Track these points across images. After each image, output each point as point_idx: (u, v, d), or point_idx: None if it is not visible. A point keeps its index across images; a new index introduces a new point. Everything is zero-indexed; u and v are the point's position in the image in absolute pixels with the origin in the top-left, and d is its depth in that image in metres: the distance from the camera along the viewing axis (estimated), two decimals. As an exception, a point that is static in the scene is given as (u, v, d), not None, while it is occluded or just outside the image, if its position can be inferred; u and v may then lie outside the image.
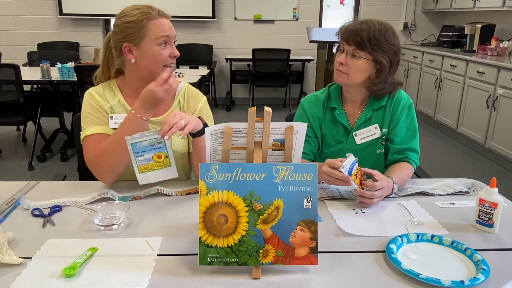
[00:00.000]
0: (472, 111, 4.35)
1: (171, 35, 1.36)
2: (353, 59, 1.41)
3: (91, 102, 1.41)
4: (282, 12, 6.13)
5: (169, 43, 1.37)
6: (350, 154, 1.26)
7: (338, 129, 1.56)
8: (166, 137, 1.20)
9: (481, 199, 1.13)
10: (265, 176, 0.93)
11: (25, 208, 1.22)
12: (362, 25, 1.40)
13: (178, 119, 1.20)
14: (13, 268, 0.93)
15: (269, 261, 0.93)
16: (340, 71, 1.44)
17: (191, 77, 3.98)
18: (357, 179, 1.25)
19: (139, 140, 1.25)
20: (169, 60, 1.36)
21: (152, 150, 1.27)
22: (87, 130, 1.39)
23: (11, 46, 5.87)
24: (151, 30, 1.33)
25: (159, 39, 1.33)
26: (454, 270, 0.95)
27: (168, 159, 1.30)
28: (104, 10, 5.79)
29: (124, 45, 1.35)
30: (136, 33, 1.33)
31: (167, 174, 1.31)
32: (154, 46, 1.33)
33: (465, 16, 5.62)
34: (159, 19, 1.35)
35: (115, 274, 0.92)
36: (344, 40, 1.43)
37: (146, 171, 1.28)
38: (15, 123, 4.43)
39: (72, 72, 3.74)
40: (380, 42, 1.39)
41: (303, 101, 1.61)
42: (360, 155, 1.49)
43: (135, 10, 1.34)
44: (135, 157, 1.26)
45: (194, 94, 1.51)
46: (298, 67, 6.17)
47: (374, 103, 1.52)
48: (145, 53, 1.34)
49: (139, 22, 1.32)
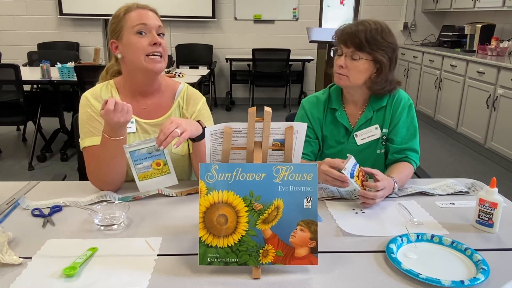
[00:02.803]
0: (472, 111, 4.35)
1: (149, 23, 1.34)
2: (353, 61, 1.42)
3: (87, 109, 1.39)
4: (282, 12, 6.13)
5: (149, 32, 1.34)
6: (351, 156, 1.26)
7: (339, 130, 1.56)
8: (162, 147, 1.19)
9: (481, 199, 1.13)
10: (265, 176, 0.93)
11: (24, 208, 1.22)
12: (359, 26, 1.41)
13: (174, 128, 1.18)
14: (13, 268, 0.93)
15: (269, 261, 0.93)
16: (340, 74, 1.44)
17: (191, 77, 3.98)
18: (359, 181, 1.25)
19: (137, 148, 1.24)
20: (149, 48, 1.33)
21: (151, 157, 1.26)
22: (85, 141, 1.38)
23: (11, 46, 5.87)
24: (128, 21, 1.34)
25: (135, 27, 1.33)
26: (454, 270, 0.95)
27: (167, 166, 1.28)
28: (104, 10, 5.79)
29: (111, 42, 1.37)
30: (117, 27, 1.35)
31: (167, 181, 1.30)
32: (132, 36, 1.33)
33: (465, 16, 5.62)
34: (136, 10, 1.36)
35: (115, 274, 0.92)
36: (342, 43, 1.43)
37: (146, 178, 1.28)
38: (15, 123, 4.43)
39: (72, 72, 3.74)
40: (378, 41, 1.40)
41: (303, 102, 1.61)
42: (361, 155, 1.50)
43: (119, 8, 1.38)
44: (134, 165, 1.25)
45: (193, 95, 1.50)
46: (298, 67, 6.17)
47: (374, 104, 1.52)
48: (126, 45, 1.34)
49: (119, 16, 1.35)
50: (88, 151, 1.37)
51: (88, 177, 1.37)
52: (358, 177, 1.25)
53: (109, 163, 1.29)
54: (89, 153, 1.37)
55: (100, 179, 1.33)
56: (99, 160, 1.30)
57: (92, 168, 1.34)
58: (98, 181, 1.34)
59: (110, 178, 1.32)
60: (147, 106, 1.44)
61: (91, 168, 1.35)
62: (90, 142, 1.37)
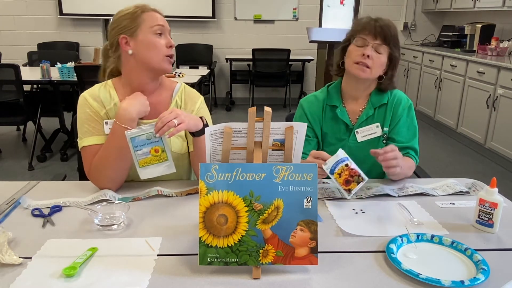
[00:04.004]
0: (472, 111, 4.35)
1: (166, 26, 1.38)
2: (377, 54, 1.44)
3: (86, 109, 1.40)
4: (282, 12, 6.13)
5: (164, 34, 1.38)
6: (340, 151, 1.27)
7: (340, 127, 1.56)
8: (157, 134, 1.22)
9: (481, 199, 1.13)
10: (265, 176, 0.93)
11: (25, 207, 1.22)
12: (384, 21, 1.45)
13: (172, 118, 1.21)
14: (13, 268, 0.93)
15: (269, 261, 0.93)
16: (365, 64, 1.44)
17: (191, 77, 3.97)
18: (340, 179, 1.25)
19: (137, 134, 1.26)
20: (166, 50, 1.37)
21: (150, 144, 1.28)
22: (84, 141, 1.38)
23: (11, 46, 5.87)
24: (146, 20, 1.36)
25: (154, 27, 1.35)
26: (454, 270, 0.95)
27: (165, 153, 1.29)
28: (104, 10, 5.79)
29: (121, 38, 1.36)
30: (132, 23, 1.36)
31: (165, 169, 1.30)
32: (150, 35, 1.35)
33: (465, 16, 5.62)
34: (152, 11, 1.38)
35: (115, 274, 0.92)
36: (370, 34, 1.44)
37: (146, 165, 1.29)
38: (15, 123, 4.43)
39: (72, 72, 3.74)
40: (397, 38, 1.47)
41: (302, 102, 1.61)
42: (362, 152, 1.50)
43: (130, 6, 1.39)
44: (134, 151, 1.27)
45: (191, 94, 1.51)
46: (298, 67, 6.17)
47: (375, 101, 1.54)
48: (142, 43, 1.35)
49: (134, 13, 1.36)
50: (86, 151, 1.38)
51: (87, 176, 1.37)
52: (340, 174, 1.25)
53: (115, 156, 1.30)
54: (87, 153, 1.37)
55: (102, 174, 1.33)
56: (104, 153, 1.32)
57: (95, 166, 1.34)
58: (99, 177, 1.34)
59: (113, 173, 1.33)
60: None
61: (93, 167, 1.35)
62: (88, 141, 1.37)
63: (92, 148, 1.36)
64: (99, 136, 1.38)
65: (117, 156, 1.31)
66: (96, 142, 1.37)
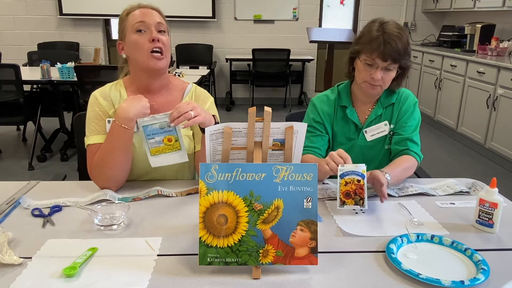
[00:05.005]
0: (472, 111, 4.35)
1: (147, 20, 1.35)
2: (387, 71, 1.44)
3: (95, 108, 1.41)
4: (282, 12, 6.13)
5: (148, 29, 1.35)
6: (364, 165, 1.20)
7: (349, 127, 1.58)
8: (172, 124, 1.23)
9: (481, 199, 1.13)
10: (265, 176, 0.93)
11: (25, 207, 1.22)
12: (392, 37, 1.39)
13: (189, 109, 1.22)
14: (13, 268, 0.93)
15: (269, 261, 0.93)
16: (375, 85, 1.46)
17: (191, 77, 3.97)
18: (343, 187, 1.18)
19: (151, 122, 1.27)
20: (149, 45, 1.34)
21: (163, 133, 1.28)
22: (90, 139, 1.40)
23: (11, 46, 5.87)
24: (129, 20, 1.37)
25: (134, 25, 1.35)
26: (454, 270, 0.95)
27: (178, 143, 1.30)
28: (104, 10, 5.79)
29: (117, 44, 1.42)
30: (122, 28, 1.39)
31: (178, 157, 1.31)
32: (132, 35, 1.36)
33: (465, 16, 5.62)
34: (138, 9, 1.38)
35: (115, 274, 0.92)
36: (379, 57, 1.40)
37: (158, 153, 1.29)
38: (15, 123, 4.43)
39: (72, 72, 3.74)
40: (408, 50, 1.45)
41: (314, 100, 1.62)
42: (371, 152, 1.54)
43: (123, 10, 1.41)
44: (146, 139, 1.27)
45: (202, 94, 1.52)
46: (298, 67, 6.17)
47: (384, 101, 1.57)
48: (129, 45, 1.37)
49: (122, 17, 1.39)
50: (90, 149, 1.38)
51: (89, 175, 1.37)
52: (346, 183, 1.19)
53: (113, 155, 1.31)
54: (91, 151, 1.38)
55: (102, 173, 1.33)
56: (104, 152, 1.32)
57: (95, 164, 1.34)
58: (99, 176, 1.34)
59: (111, 172, 1.33)
60: (155, 103, 1.44)
61: (94, 165, 1.35)
62: (93, 140, 1.38)
63: (96, 147, 1.37)
64: (104, 135, 1.38)
65: (115, 155, 1.31)
66: (100, 141, 1.37)
